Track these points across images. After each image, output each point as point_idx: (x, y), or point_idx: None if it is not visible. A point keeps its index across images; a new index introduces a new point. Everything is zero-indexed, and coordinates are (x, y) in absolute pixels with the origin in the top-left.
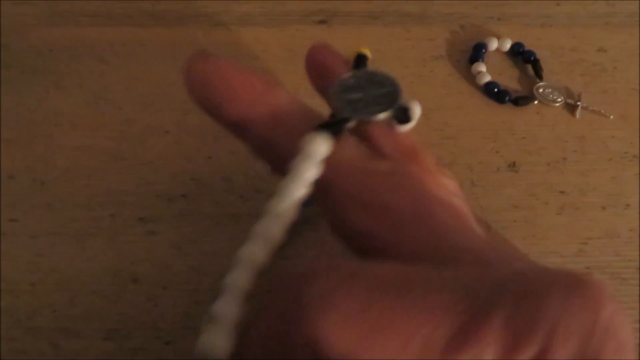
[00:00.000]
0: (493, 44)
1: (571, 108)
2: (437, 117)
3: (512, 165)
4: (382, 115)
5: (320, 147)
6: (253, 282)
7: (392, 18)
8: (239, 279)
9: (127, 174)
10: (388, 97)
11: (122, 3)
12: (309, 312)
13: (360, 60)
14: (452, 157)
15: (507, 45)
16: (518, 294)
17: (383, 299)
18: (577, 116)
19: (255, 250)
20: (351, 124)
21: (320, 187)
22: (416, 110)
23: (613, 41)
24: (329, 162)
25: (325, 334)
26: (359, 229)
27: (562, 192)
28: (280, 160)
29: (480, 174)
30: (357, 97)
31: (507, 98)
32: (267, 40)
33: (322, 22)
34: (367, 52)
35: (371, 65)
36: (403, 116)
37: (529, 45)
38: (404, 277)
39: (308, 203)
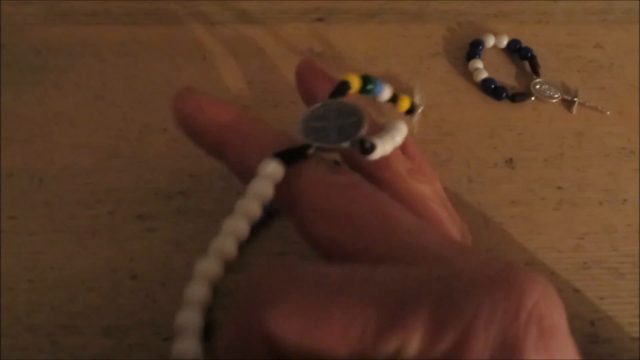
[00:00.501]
0: (490, 41)
1: (568, 104)
2: (434, 114)
3: (509, 162)
4: (341, 145)
5: (273, 170)
6: (210, 294)
7: (389, 16)
8: (197, 291)
9: (126, 171)
10: (351, 128)
11: (120, 2)
12: (262, 307)
13: (341, 88)
14: (450, 154)
15: (504, 42)
16: (446, 288)
17: (326, 295)
18: (574, 112)
19: (211, 266)
20: (311, 151)
21: (287, 201)
22: (378, 145)
23: (610, 38)
24: (294, 179)
25: (276, 325)
26: (323, 236)
27: (559, 187)
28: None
29: (477, 170)
30: (321, 126)
31: (504, 94)
32: (265, 38)
33: (319, 19)
34: (354, 79)
35: (370, 62)
36: (362, 148)
37: (526, 41)
38: (345, 277)
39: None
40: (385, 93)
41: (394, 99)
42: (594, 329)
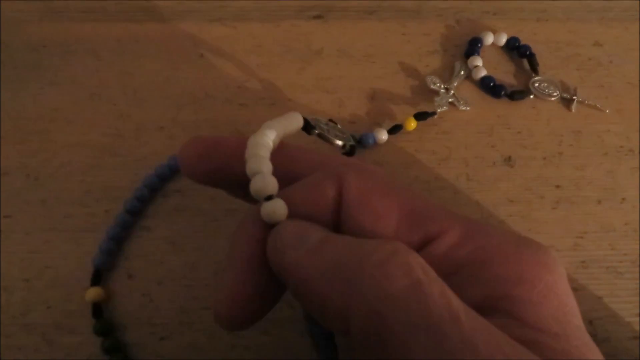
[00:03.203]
0: (489, 39)
1: (567, 102)
2: None
3: (508, 160)
4: (338, 142)
5: (297, 116)
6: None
7: (387, 13)
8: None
9: (122, 169)
10: (343, 138)
11: None
12: (343, 172)
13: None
14: (448, 152)
15: (503, 39)
16: (470, 220)
17: (383, 182)
18: (573, 110)
19: (266, 136)
20: (316, 132)
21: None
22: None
23: (609, 35)
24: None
25: (349, 182)
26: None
27: (557, 186)
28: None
29: (476, 168)
30: (324, 128)
31: (502, 92)
32: (262, 36)
33: (317, 17)
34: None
35: (368, 59)
36: (350, 152)
37: (524, 39)
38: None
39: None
40: (380, 136)
41: (396, 129)
42: (593, 328)
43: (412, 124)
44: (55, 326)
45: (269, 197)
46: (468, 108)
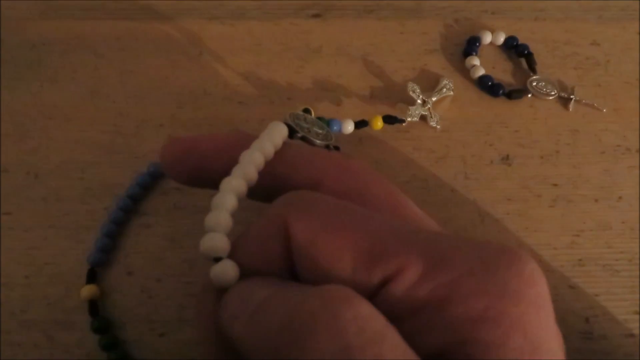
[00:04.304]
0: (487, 38)
1: (564, 101)
2: None
3: (506, 158)
4: (319, 143)
5: (281, 128)
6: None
7: (386, 12)
8: (226, 199)
9: (121, 167)
10: (324, 137)
11: None
12: (291, 211)
13: (305, 112)
14: (446, 150)
15: (501, 38)
16: (436, 237)
17: (338, 215)
18: (571, 109)
19: (237, 182)
20: (299, 135)
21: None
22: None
23: (606, 35)
24: (289, 146)
25: (298, 226)
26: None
27: (555, 184)
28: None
29: (473, 166)
30: (305, 127)
31: (500, 91)
32: (261, 34)
33: (316, 15)
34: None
35: (367, 58)
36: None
37: (522, 38)
38: (352, 208)
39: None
40: (347, 127)
41: (362, 124)
42: (589, 325)
43: (379, 123)
44: (55, 323)
45: (218, 259)
46: (438, 127)
